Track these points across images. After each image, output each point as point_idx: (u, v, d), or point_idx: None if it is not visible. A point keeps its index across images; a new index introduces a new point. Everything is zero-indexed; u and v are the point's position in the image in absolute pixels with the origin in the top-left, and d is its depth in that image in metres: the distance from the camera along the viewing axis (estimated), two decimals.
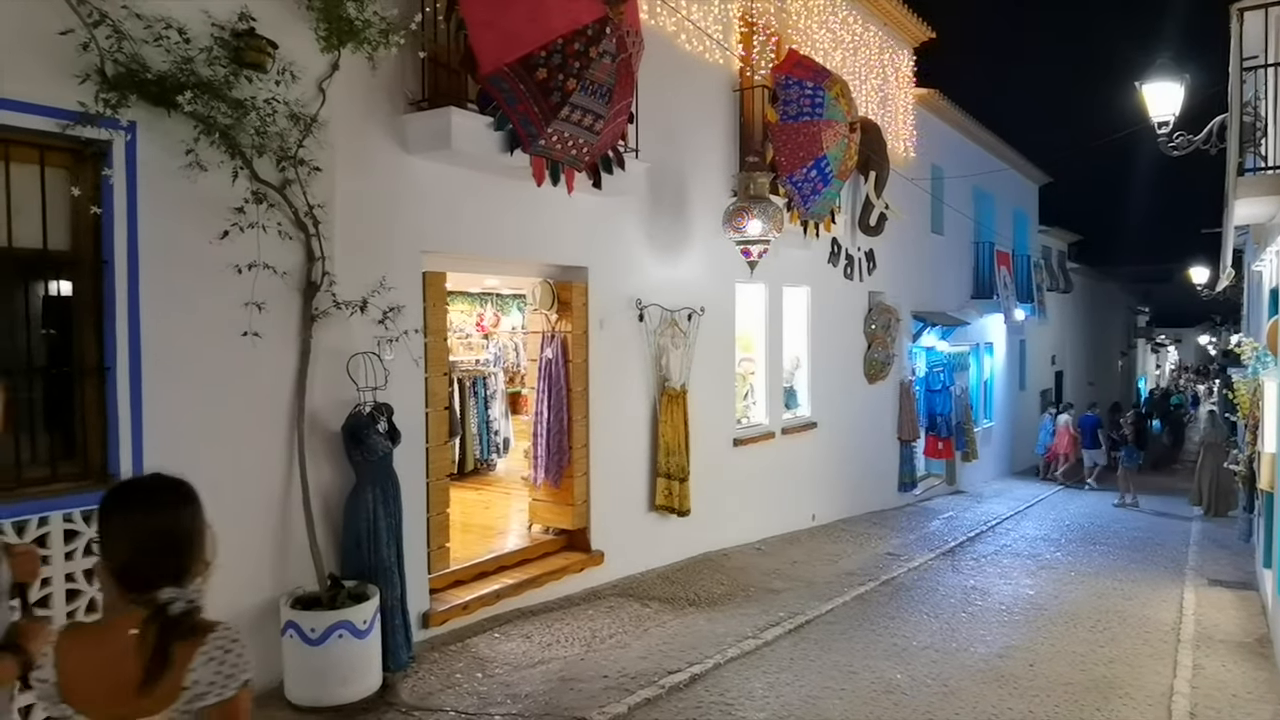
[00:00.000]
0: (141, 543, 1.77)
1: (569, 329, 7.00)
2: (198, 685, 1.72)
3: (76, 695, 1.72)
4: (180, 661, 1.70)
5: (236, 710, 1.76)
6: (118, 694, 1.68)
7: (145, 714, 1.69)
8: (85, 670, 1.72)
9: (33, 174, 4.03)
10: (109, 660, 1.71)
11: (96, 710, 1.71)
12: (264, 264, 4.54)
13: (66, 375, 4.19)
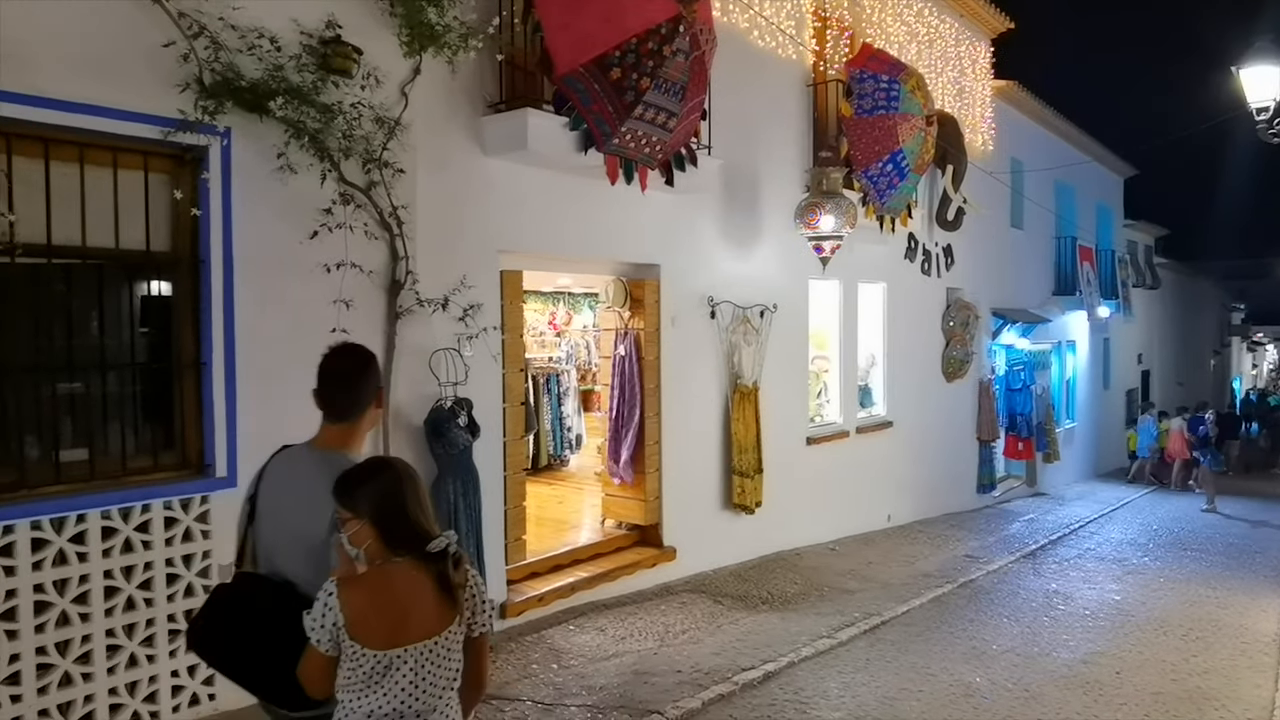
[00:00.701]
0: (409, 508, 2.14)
1: (641, 326, 7.05)
2: (469, 609, 2.12)
3: (360, 630, 2.03)
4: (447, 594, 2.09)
5: (486, 640, 2.15)
6: (403, 623, 2.03)
7: (429, 635, 2.06)
8: (370, 609, 2.04)
9: (137, 179, 4.25)
10: (393, 599, 2.05)
11: (378, 640, 2.03)
12: (351, 263, 4.71)
13: (166, 370, 4.41)
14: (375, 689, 2.05)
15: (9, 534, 3.75)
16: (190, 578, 4.28)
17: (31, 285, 4.01)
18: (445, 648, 2.09)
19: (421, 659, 2.06)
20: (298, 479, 2.48)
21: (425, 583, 2.08)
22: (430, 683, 2.08)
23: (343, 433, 2.55)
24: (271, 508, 2.52)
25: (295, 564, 2.37)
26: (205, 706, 4.35)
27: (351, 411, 2.54)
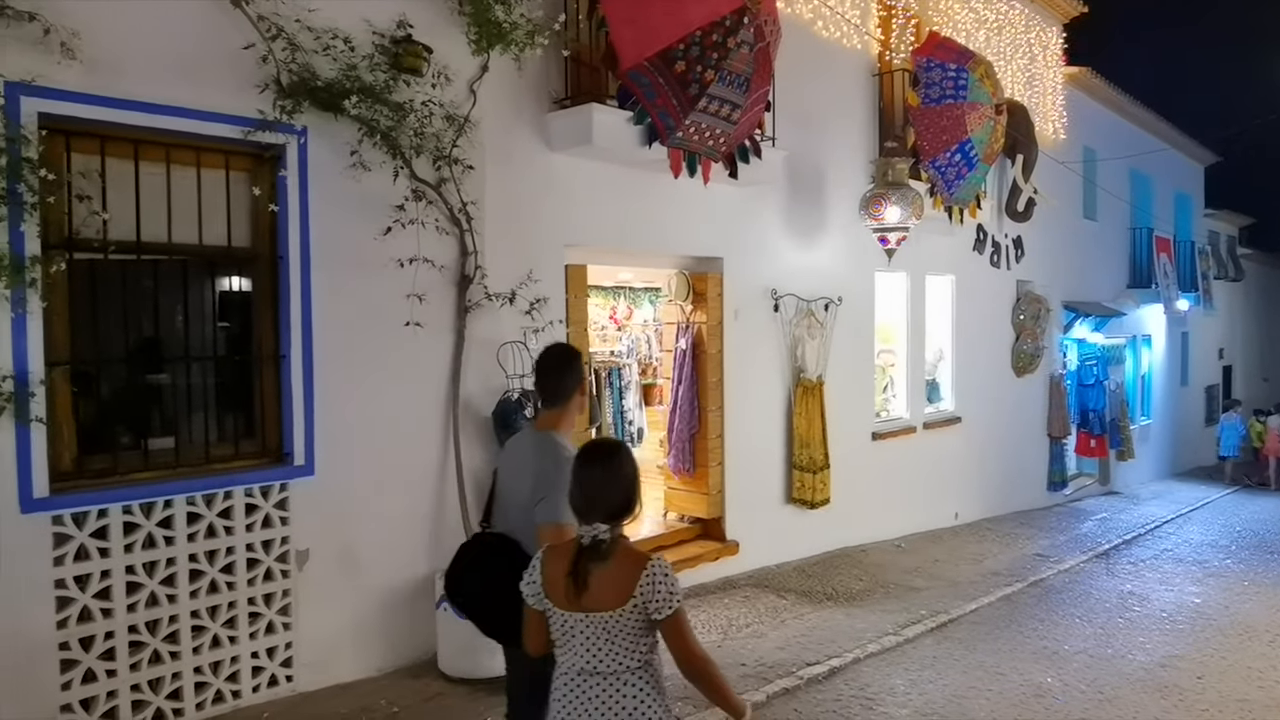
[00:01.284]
0: (586, 490, 2.40)
1: (704, 320, 7.04)
2: (643, 598, 2.30)
3: (551, 591, 2.37)
4: (625, 578, 2.31)
5: (679, 621, 2.33)
6: (569, 594, 2.33)
7: (605, 608, 2.31)
8: (553, 577, 2.37)
9: (219, 178, 4.41)
10: (564, 571, 2.34)
11: (561, 604, 2.35)
12: (423, 258, 4.82)
13: (247, 362, 4.57)
14: (565, 645, 2.38)
15: (103, 517, 3.94)
16: (269, 562, 4.44)
17: (121, 281, 4.19)
18: (619, 623, 2.32)
19: (597, 627, 2.32)
20: (521, 453, 3.05)
21: (580, 561, 2.35)
22: (608, 650, 2.33)
23: (554, 416, 3.09)
24: (503, 477, 3.12)
25: (517, 523, 2.87)
26: (283, 688, 4.50)
27: (559, 398, 3.08)
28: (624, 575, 2.32)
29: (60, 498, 3.83)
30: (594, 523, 2.35)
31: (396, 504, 4.89)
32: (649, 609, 2.31)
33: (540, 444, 2.96)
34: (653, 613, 2.31)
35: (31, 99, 3.69)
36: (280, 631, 4.49)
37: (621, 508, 2.41)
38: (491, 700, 4.57)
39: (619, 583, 2.31)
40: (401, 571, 4.92)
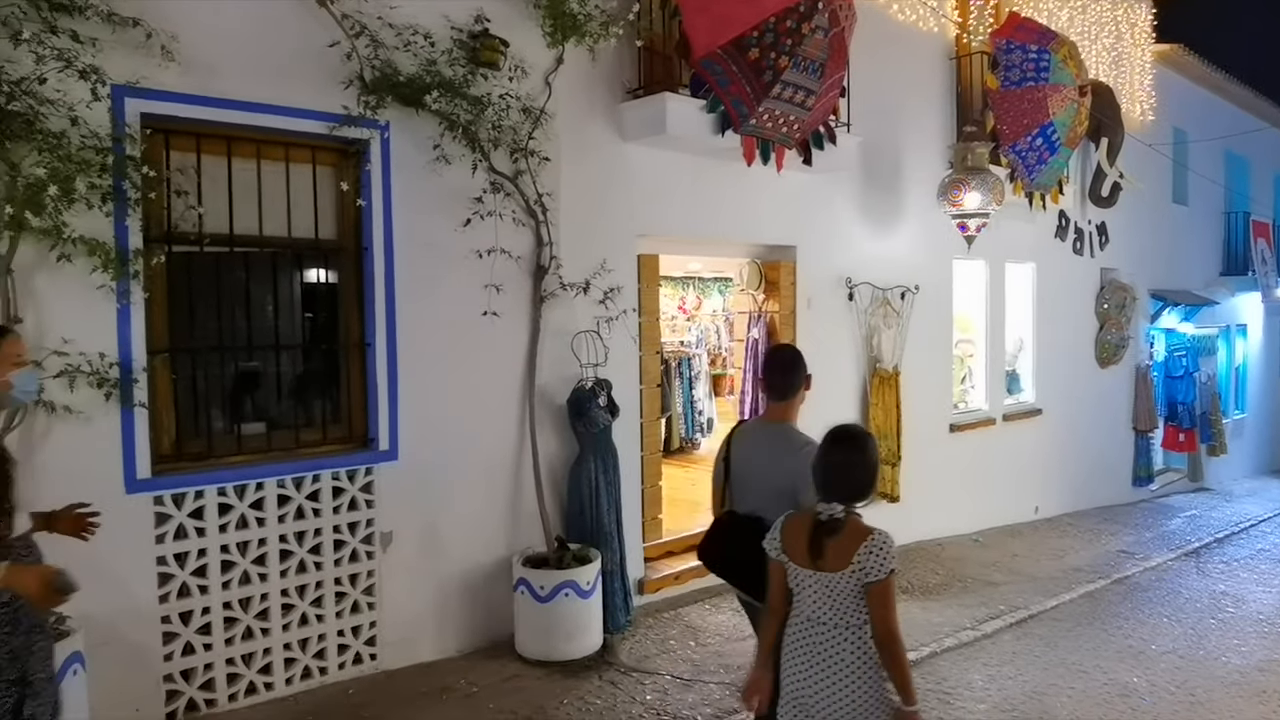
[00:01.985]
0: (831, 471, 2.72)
1: (776, 309, 7.00)
2: (860, 564, 2.61)
3: (789, 548, 2.78)
4: (848, 547, 2.63)
5: (885, 589, 2.63)
6: (805, 556, 2.71)
7: (829, 570, 2.66)
8: (792, 539, 2.77)
9: (306, 173, 4.57)
10: (801, 536, 2.73)
11: (798, 561, 2.74)
12: (500, 249, 4.91)
13: (334, 351, 4.73)
14: (799, 595, 2.78)
15: (200, 498, 4.13)
16: (355, 544, 4.60)
17: (216, 272, 4.38)
18: (841, 584, 2.67)
19: (823, 584, 2.69)
20: (761, 444, 3.35)
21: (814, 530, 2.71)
22: (831, 605, 2.69)
23: (783, 409, 3.38)
24: (743, 465, 3.38)
25: (764, 503, 3.18)
26: (367, 666, 4.66)
27: (788, 393, 3.36)
28: (849, 544, 2.65)
29: (161, 479, 4.03)
30: (833, 501, 2.69)
31: (475, 489, 5.01)
32: (865, 574, 2.62)
33: (786, 436, 3.29)
34: (866, 577, 2.63)
35: (135, 100, 3.88)
36: (365, 611, 4.64)
37: (860, 490, 2.72)
38: (567, 683, 4.66)
39: (844, 550, 2.65)
40: (480, 555, 5.03)
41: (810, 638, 2.72)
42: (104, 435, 3.85)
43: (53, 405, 3.69)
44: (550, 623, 4.82)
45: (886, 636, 2.65)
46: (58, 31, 3.59)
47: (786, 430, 3.32)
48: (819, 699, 2.69)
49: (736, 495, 3.41)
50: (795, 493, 3.09)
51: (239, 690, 4.25)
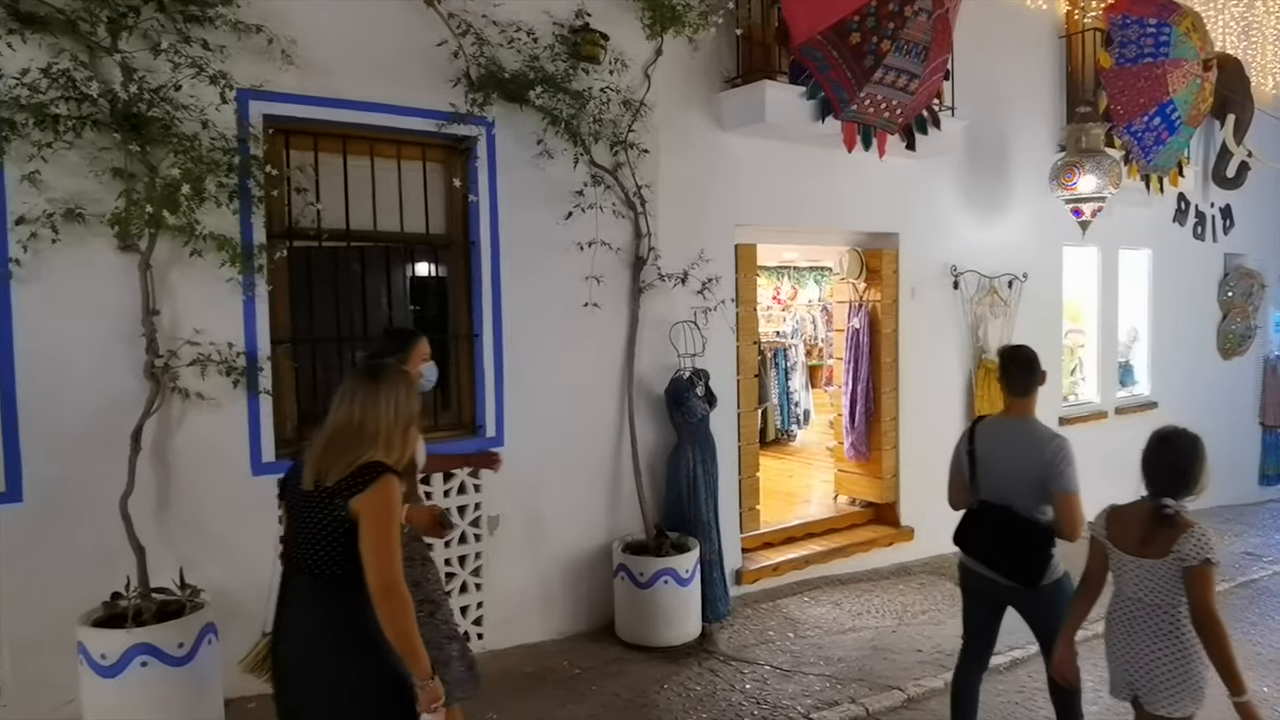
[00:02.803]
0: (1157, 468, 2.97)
1: (878, 298, 6.88)
2: (1179, 552, 2.82)
3: (1114, 538, 3.02)
4: (1170, 537, 2.84)
5: (1203, 574, 2.79)
6: (1133, 544, 2.94)
7: (1152, 557, 2.88)
8: (1117, 527, 3.03)
9: (417, 169, 4.73)
10: (1133, 525, 2.96)
11: (1125, 547, 2.97)
12: (601, 241, 4.98)
13: (444, 341, 4.89)
14: (1120, 578, 3.02)
15: None
16: (464, 526, 4.75)
17: (332, 266, 4.59)
18: (1161, 569, 2.88)
19: (1145, 569, 2.91)
20: (1008, 438, 3.56)
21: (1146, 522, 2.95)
22: (1151, 588, 2.91)
23: (1023, 404, 3.61)
24: (992, 457, 3.59)
25: (1014, 493, 3.48)
26: (474, 645, 4.80)
27: (1029, 389, 3.59)
28: (1172, 534, 2.84)
29: (283, 463, 4.24)
30: (1161, 497, 2.90)
31: (576, 476, 5.11)
32: (1183, 560, 2.81)
33: (1033, 430, 3.54)
34: (1184, 563, 2.81)
35: (258, 102, 4.10)
36: (473, 591, 4.80)
37: (1184, 486, 2.92)
38: (667, 669, 4.71)
39: (1167, 540, 2.85)
40: (582, 541, 5.14)
41: (1133, 617, 2.98)
42: (232, 420, 4.10)
43: (186, 392, 3.95)
44: (649, 609, 4.89)
45: (1205, 618, 2.80)
46: (190, 41, 3.82)
47: (1032, 425, 3.56)
48: (1142, 671, 2.96)
49: (984, 485, 3.64)
50: (1045, 483, 3.40)
51: None
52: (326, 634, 2.35)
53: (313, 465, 2.38)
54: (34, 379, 3.71)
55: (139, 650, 3.42)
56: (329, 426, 2.43)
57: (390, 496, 2.29)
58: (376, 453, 2.36)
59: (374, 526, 2.26)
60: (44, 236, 3.64)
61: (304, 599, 2.40)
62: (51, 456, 3.74)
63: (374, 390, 2.43)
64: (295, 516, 2.44)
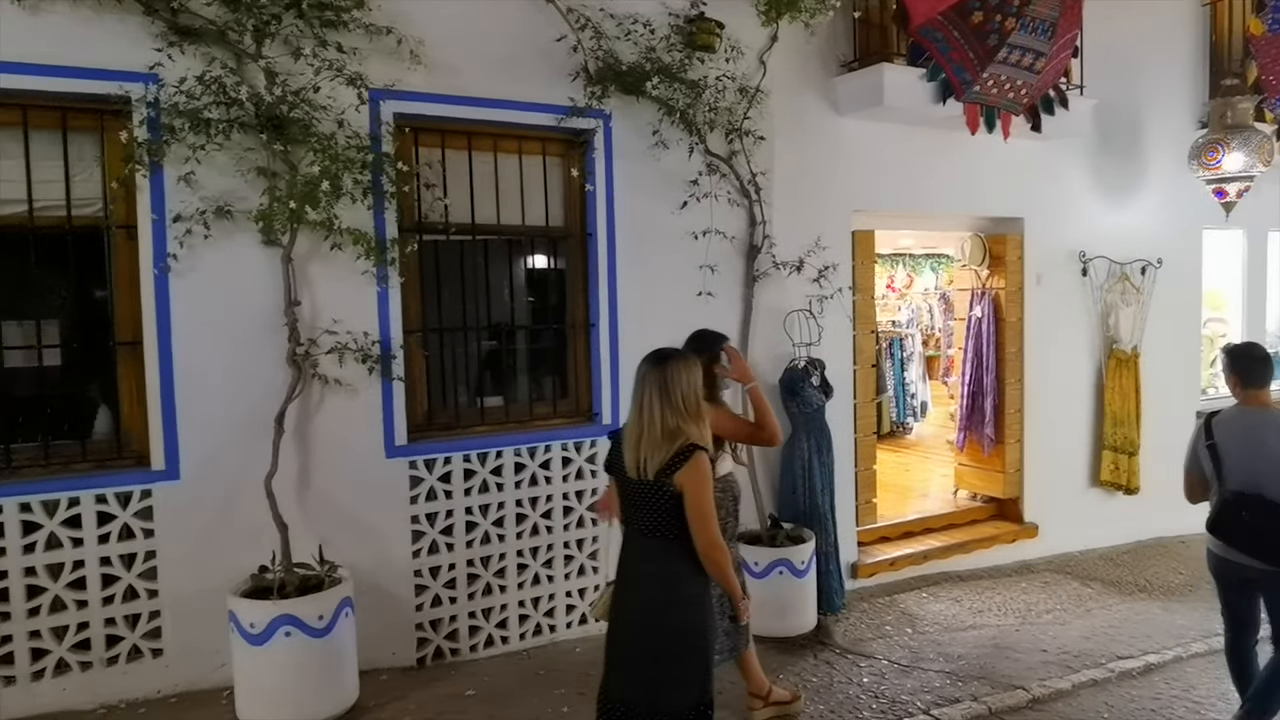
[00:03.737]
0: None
1: (1001, 285, 6.64)
2: None
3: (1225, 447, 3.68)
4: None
5: None
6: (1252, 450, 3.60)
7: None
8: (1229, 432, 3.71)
9: (537, 163, 4.86)
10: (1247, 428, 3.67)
11: None
12: (715, 230, 4.99)
13: (562, 331, 5.01)
14: None
15: (448, 464, 4.52)
16: (581, 511, 4.87)
17: (459, 259, 4.76)
18: None
19: None
20: (1254, 429, 3.76)
21: None
22: None
23: (1262, 396, 3.83)
24: (1238, 449, 3.77)
25: (1266, 480, 3.66)
26: (591, 627, 4.92)
27: (1267, 381, 3.85)
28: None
29: (415, 446, 4.45)
30: None
31: None
32: None
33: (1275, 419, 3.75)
34: None
35: (389, 102, 4.29)
36: (590, 574, 4.91)
37: None
38: (782, 659, 4.70)
39: None
40: None
41: None
42: (367, 405, 4.31)
43: (325, 378, 4.18)
44: (764, 598, 4.86)
45: None
46: (327, 45, 4.02)
47: (1275, 415, 3.76)
48: None
49: (1233, 476, 3.77)
50: None
51: (479, 642, 4.64)
52: (662, 581, 2.83)
53: (632, 455, 2.82)
54: (189, 365, 4.00)
55: (283, 620, 3.65)
56: (636, 418, 2.84)
57: (704, 470, 2.74)
58: (686, 435, 2.76)
59: (694, 497, 2.71)
60: (197, 233, 3.91)
61: (644, 555, 2.87)
62: (205, 437, 4.03)
63: (663, 378, 2.81)
64: (628, 493, 2.90)
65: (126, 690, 3.96)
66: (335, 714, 3.82)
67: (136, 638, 3.97)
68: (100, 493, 3.89)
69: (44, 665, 3.82)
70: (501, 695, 4.17)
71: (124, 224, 3.98)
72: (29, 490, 3.79)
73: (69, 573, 3.85)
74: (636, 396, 2.87)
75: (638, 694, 2.82)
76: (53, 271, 4.09)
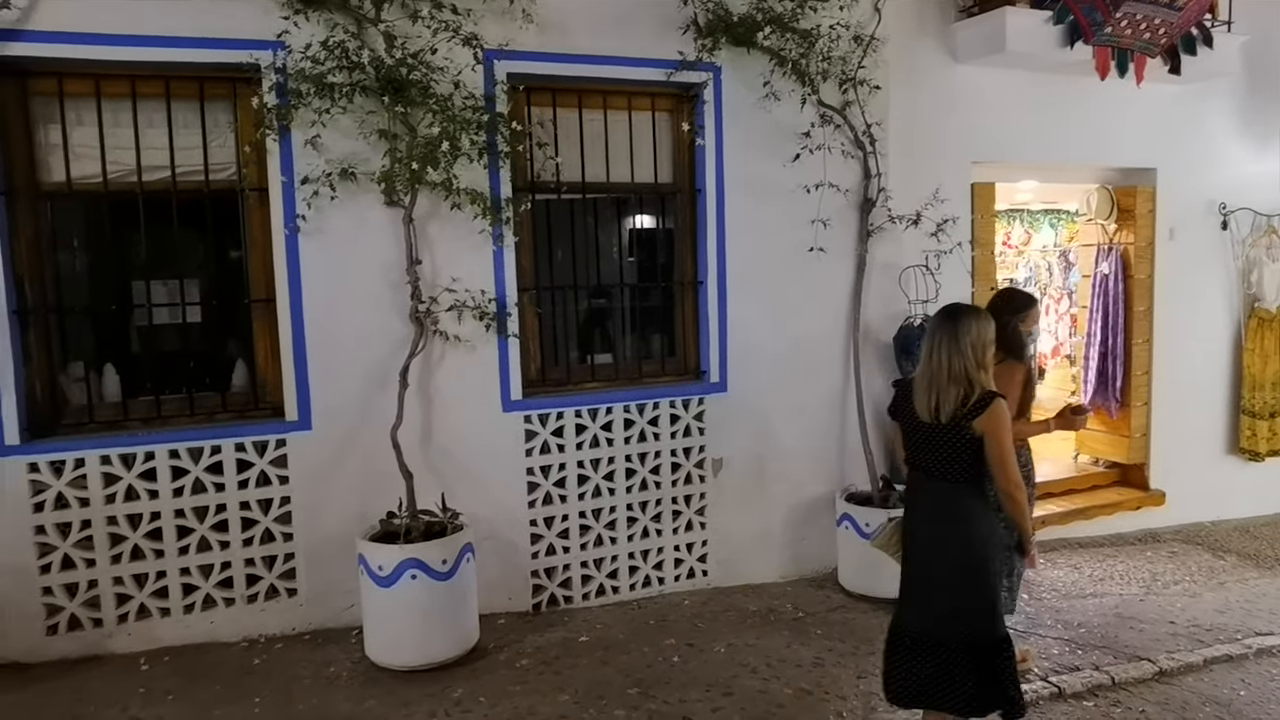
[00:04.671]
0: None
1: (1130, 240, 6.28)
2: None
3: None
4: None
5: None
6: None
7: None
8: None
9: (646, 120, 4.85)
10: None
11: None
12: (828, 183, 4.88)
13: (669, 289, 5.02)
14: None
15: (560, 419, 4.62)
16: (689, 467, 4.91)
17: (569, 217, 4.81)
18: None
19: None
20: None
21: None
22: None
23: None
24: None
25: None
26: (699, 580, 4.99)
27: None
28: None
29: (529, 401, 4.57)
30: None
31: (799, 424, 5.10)
32: None
33: None
34: None
35: (502, 62, 4.34)
36: (697, 530, 4.96)
37: None
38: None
39: None
40: (804, 488, 5.14)
41: None
42: (484, 361, 4.44)
43: (445, 334, 4.32)
44: (876, 560, 4.81)
45: None
46: (442, 6, 4.09)
47: None
48: None
49: None
50: None
51: (591, 590, 4.76)
52: (955, 518, 3.00)
53: (925, 400, 2.96)
54: (319, 322, 4.19)
55: (409, 564, 3.83)
56: (926, 366, 2.97)
57: (1004, 416, 2.88)
58: (984, 383, 2.90)
59: (996, 441, 2.87)
60: (324, 195, 4.07)
61: (937, 495, 3.03)
62: (334, 391, 4.23)
63: (953, 330, 2.91)
64: (919, 437, 3.05)
65: (265, 626, 4.24)
66: (457, 654, 3.99)
67: (274, 578, 4.24)
68: (240, 441, 4.14)
69: (193, 600, 4.13)
70: (614, 643, 4.28)
71: (256, 187, 4.18)
72: (177, 438, 4.08)
73: (213, 515, 4.14)
74: (929, 344, 2.98)
75: (944, 627, 2.98)
76: (193, 233, 4.34)
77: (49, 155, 4.01)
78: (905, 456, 3.19)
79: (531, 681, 3.85)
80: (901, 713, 3.65)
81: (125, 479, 3.99)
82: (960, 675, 2.96)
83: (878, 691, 3.83)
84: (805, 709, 3.67)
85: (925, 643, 3.01)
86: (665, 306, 5.04)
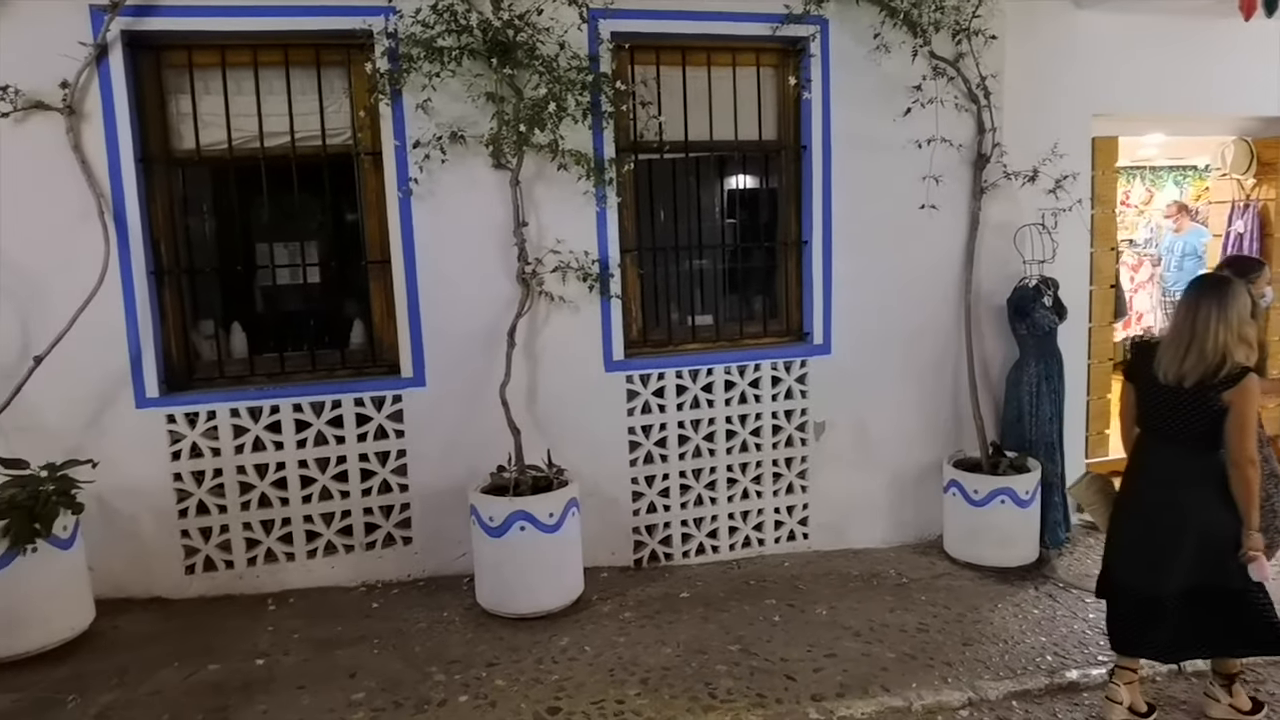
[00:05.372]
0: None
1: (1272, 196, 5.87)
2: None
3: None
4: None
5: None
6: None
7: None
8: None
9: (750, 76, 4.77)
10: None
11: None
12: (940, 138, 4.70)
13: (772, 249, 4.96)
14: None
15: (660, 379, 4.66)
16: (790, 430, 4.88)
17: (672, 177, 4.79)
18: None
19: None
20: None
21: None
22: None
23: None
24: None
25: None
26: (799, 543, 4.98)
27: None
28: None
29: (631, 361, 4.61)
30: None
31: (905, 387, 5.00)
32: None
33: None
34: None
35: (607, 21, 4.32)
36: (798, 493, 4.94)
37: None
38: (1001, 589, 4.54)
39: None
40: (909, 453, 5.05)
41: None
42: (587, 322, 4.50)
43: (550, 295, 4.39)
44: (981, 527, 4.71)
45: None
46: None
47: None
48: None
49: None
50: None
51: (691, 549, 4.81)
52: (1187, 483, 3.11)
53: (1174, 365, 3.03)
54: (431, 282, 4.33)
55: (518, 516, 3.95)
56: (1181, 332, 3.04)
57: (1254, 392, 2.96)
58: (1236, 356, 2.98)
59: (1239, 414, 2.95)
60: (434, 158, 4.17)
61: (1169, 457, 3.16)
62: (446, 349, 4.37)
63: (1221, 301, 2.98)
64: (1155, 399, 3.15)
65: (382, 572, 4.45)
66: (563, 605, 4.11)
67: (390, 526, 4.44)
68: (358, 396, 4.33)
69: (316, 546, 4.37)
70: (714, 600, 4.32)
71: (370, 150, 4.32)
72: (300, 393, 4.29)
73: (333, 466, 4.35)
74: (1188, 311, 3.03)
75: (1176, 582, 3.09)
76: (312, 197, 4.52)
77: (180, 124, 4.23)
78: (1134, 417, 3.27)
79: (634, 634, 3.94)
80: (1008, 681, 3.60)
81: (253, 430, 4.23)
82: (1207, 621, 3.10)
83: (984, 659, 3.79)
84: (909, 673, 3.63)
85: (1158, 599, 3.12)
86: (768, 267, 4.99)
